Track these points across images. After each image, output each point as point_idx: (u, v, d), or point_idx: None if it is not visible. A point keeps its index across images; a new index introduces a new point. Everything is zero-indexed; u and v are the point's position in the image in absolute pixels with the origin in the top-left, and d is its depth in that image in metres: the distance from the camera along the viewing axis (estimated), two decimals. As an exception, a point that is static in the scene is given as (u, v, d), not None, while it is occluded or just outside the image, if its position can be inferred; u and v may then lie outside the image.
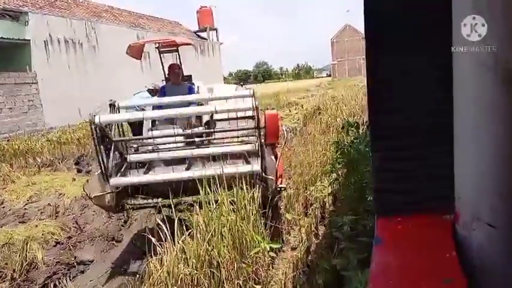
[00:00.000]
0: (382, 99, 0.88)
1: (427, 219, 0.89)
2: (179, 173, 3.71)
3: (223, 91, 5.87)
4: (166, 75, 5.93)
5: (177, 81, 5.40)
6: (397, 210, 0.95)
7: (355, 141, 4.68)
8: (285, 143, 4.25)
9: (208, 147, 4.12)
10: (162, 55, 6.46)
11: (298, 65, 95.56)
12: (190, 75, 6.21)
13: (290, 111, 15.14)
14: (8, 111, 13.21)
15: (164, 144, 4.14)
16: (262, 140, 3.62)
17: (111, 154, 3.66)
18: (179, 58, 6.35)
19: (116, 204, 3.78)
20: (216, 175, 3.42)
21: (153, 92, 7.77)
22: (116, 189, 3.70)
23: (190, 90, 5.38)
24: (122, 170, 3.83)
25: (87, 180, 3.39)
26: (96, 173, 3.60)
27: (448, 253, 0.73)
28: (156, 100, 4.58)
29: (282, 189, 4.05)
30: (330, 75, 54.26)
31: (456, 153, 0.83)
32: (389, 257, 0.76)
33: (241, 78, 73.90)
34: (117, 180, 3.61)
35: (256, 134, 3.61)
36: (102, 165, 3.47)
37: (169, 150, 4.04)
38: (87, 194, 3.57)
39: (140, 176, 3.82)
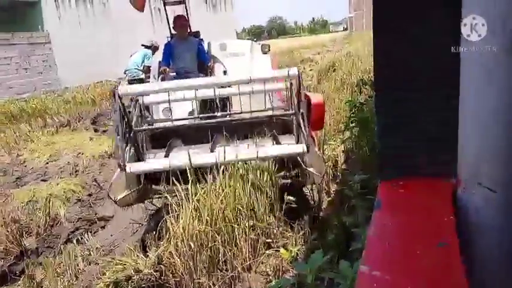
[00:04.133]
0: (386, 64, 0.86)
1: (429, 183, 0.90)
2: (207, 158, 3.10)
3: (238, 47, 5.53)
4: (172, 30, 5.46)
5: (183, 35, 4.95)
6: (400, 174, 0.96)
7: (369, 99, 4.62)
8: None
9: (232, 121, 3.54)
10: (167, 7, 6.12)
11: (313, 19, 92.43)
12: (198, 31, 5.94)
13: (304, 68, 14.88)
14: (24, 72, 13.34)
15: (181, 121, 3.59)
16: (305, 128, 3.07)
17: (129, 144, 3.21)
18: (186, 10, 6.02)
19: (140, 197, 3.47)
20: (253, 159, 3.05)
21: (150, 48, 7.58)
22: (137, 186, 3.27)
23: (200, 47, 5.04)
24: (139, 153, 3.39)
25: (110, 185, 3.18)
26: (116, 174, 3.19)
27: (446, 217, 0.75)
28: (169, 84, 3.67)
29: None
30: (346, 29, 52.36)
31: (459, 117, 0.82)
32: (387, 220, 0.78)
33: (255, 33, 72.02)
34: (134, 167, 3.05)
35: (302, 127, 3.09)
36: (121, 155, 2.99)
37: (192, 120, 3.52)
38: (111, 199, 3.21)
39: (161, 162, 3.22)
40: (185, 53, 4.89)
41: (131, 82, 7.82)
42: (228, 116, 3.61)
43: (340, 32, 59.63)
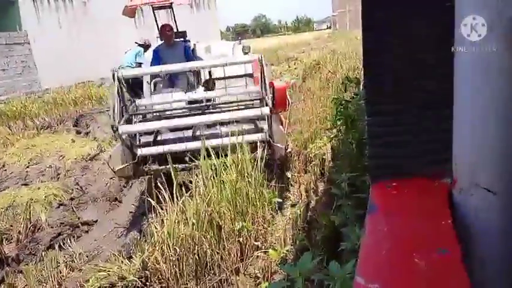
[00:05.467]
0: (377, 61, 0.82)
1: (424, 184, 0.86)
2: (191, 143, 3.84)
3: (222, 49, 5.71)
4: (158, 36, 5.79)
5: (170, 42, 5.24)
6: (393, 175, 0.92)
7: (355, 96, 4.60)
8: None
9: (212, 112, 4.20)
10: (155, 12, 6.26)
11: (297, 17, 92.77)
12: (185, 31, 6.00)
13: (289, 66, 14.87)
14: (2, 73, 12.98)
15: (169, 110, 4.29)
16: (269, 109, 3.67)
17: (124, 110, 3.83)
18: (173, 15, 6.13)
19: (134, 173, 3.98)
20: (224, 144, 3.56)
21: (143, 46, 7.64)
22: (133, 159, 3.85)
23: (186, 51, 5.26)
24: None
25: (109, 156, 3.74)
26: (115, 147, 3.80)
27: (444, 221, 0.71)
28: (157, 68, 4.52)
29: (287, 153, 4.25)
30: (330, 27, 52.64)
31: (454, 117, 0.79)
32: (382, 226, 0.73)
33: (239, 32, 71.86)
34: (126, 128, 3.70)
35: (263, 103, 3.74)
36: (113, 112, 3.61)
37: (176, 117, 4.16)
38: (111, 169, 3.80)
39: (149, 124, 3.99)
40: (172, 58, 5.06)
41: (125, 78, 7.88)
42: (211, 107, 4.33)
43: (324, 30, 59.93)
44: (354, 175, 3.15)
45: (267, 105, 3.69)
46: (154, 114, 4.39)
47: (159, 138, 4.14)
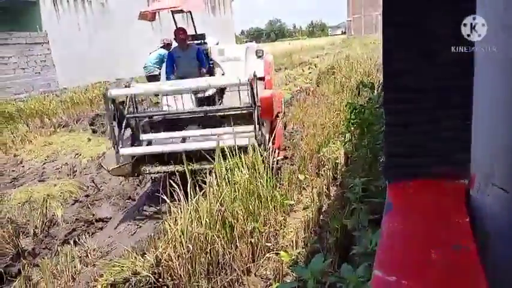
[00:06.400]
0: (396, 61, 0.84)
1: (440, 184, 0.87)
2: (178, 145, 4.22)
3: (234, 52, 5.88)
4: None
5: (183, 46, 5.45)
6: (410, 174, 0.93)
7: (369, 101, 4.59)
8: (284, 114, 4.70)
9: (215, 114, 4.57)
10: (174, 15, 6.41)
11: (312, 22, 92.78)
12: (204, 34, 6.15)
13: (303, 70, 14.88)
14: (22, 72, 13.27)
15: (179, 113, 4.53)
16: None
17: (123, 129, 4.09)
18: (192, 18, 6.27)
19: (133, 171, 4.19)
20: (215, 146, 3.64)
21: (166, 46, 7.96)
22: (131, 158, 4.10)
23: (199, 54, 5.46)
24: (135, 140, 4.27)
25: (104, 156, 3.89)
26: (111, 148, 4.11)
27: (460, 219, 0.72)
28: (165, 87, 4.66)
29: (280, 160, 4.46)
30: (344, 33, 52.51)
31: (473, 119, 0.80)
32: (399, 224, 0.75)
33: (254, 36, 72.16)
34: (126, 150, 4.04)
35: (253, 112, 3.90)
36: (113, 137, 3.92)
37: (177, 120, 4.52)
38: (105, 169, 4.11)
39: (147, 147, 4.25)
40: (185, 61, 5.42)
41: (148, 77, 8.40)
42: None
43: (339, 35, 59.77)
44: (367, 179, 3.14)
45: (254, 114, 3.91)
46: (160, 115, 4.69)
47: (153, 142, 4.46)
